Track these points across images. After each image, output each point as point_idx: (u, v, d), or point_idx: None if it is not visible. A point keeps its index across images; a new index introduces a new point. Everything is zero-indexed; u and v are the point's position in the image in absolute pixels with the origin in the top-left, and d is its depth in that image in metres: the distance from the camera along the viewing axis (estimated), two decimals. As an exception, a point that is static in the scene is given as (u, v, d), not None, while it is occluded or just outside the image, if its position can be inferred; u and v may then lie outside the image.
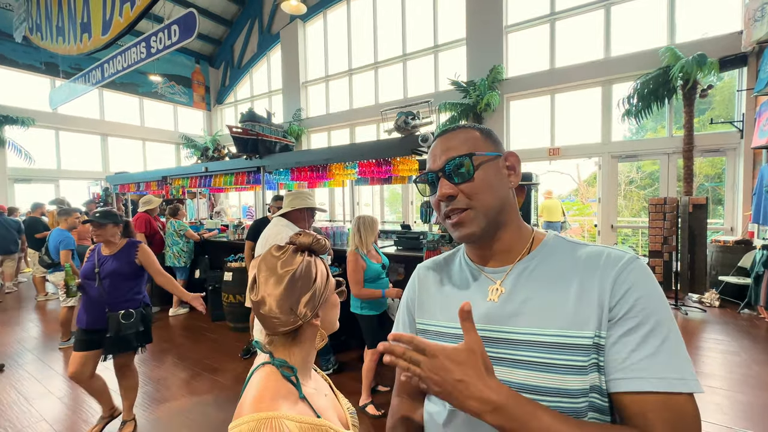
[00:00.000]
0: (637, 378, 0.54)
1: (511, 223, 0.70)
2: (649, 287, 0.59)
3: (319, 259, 0.79)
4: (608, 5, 6.62)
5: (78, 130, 10.47)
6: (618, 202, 7.07)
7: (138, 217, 4.87)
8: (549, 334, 0.60)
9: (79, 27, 4.59)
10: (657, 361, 0.54)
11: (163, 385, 3.12)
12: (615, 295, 0.58)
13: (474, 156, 0.67)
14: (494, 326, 0.65)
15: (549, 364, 0.59)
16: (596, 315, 0.58)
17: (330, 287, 0.79)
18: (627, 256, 0.62)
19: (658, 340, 0.55)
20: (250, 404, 0.65)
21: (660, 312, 0.57)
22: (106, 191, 8.63)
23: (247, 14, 12.04)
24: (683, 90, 5.49)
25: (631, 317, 0.57)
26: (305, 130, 10.59)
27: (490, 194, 0.67)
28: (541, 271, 0.66)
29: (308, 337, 0.77)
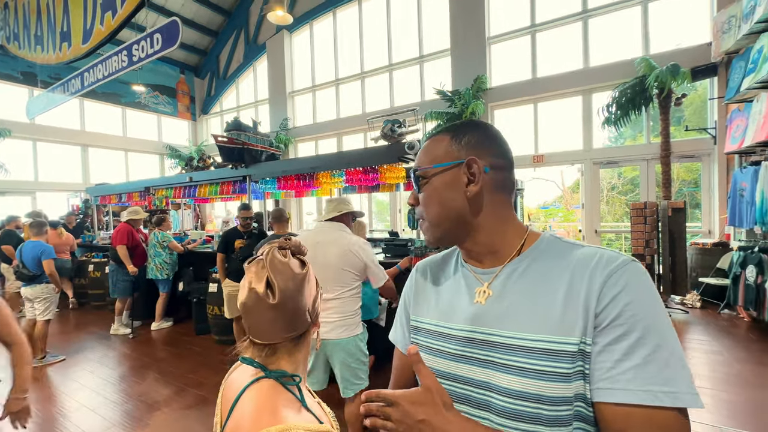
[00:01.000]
0: (621, 389, 0.51)
1: (485, 227, 0.68)
2: (641, 292, 0.55)
3: None
4: (585, 18, 6.87)
5: (57, 141, 10.20)
6: (601, 207, 7.23)
7: (120, 229, 4.74)
8: (535, 339, 0.58)
9: (59, 36, 4.51)
10: (645, 371, 0.51)
11: (144, 402, 3.00)
12: (602, 300, 0.55)
13: (423, 170, 0.71)
14: (481, 328, 0.64)
15: (534, 369, 0.57)
16: (582, 320, 0.56)
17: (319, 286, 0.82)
18: (620, 259, 0.58)
19: (648, 350, 0.52)
20: (251, 421, 0.62)
21: (651, 318, 0.53)
22: (86, 203, 8.40)
23: (233, 25, 12.05)
24: (659, 98, 5.69)
25: (618, 324, 0.54)
26: (292, 140, 10.56)
27: (437, 206, 0.70)
28: (530, 274, 0.64)
29: (308, 341, 0.78)
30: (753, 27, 4.46)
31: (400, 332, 0.84)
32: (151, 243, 4.79)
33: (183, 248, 4.96)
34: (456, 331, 0.68)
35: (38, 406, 3.00)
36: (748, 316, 4.36)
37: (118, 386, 3.32)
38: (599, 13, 6.78)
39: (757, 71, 4.36)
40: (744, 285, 4.14)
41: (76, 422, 2.72)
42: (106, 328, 4.81)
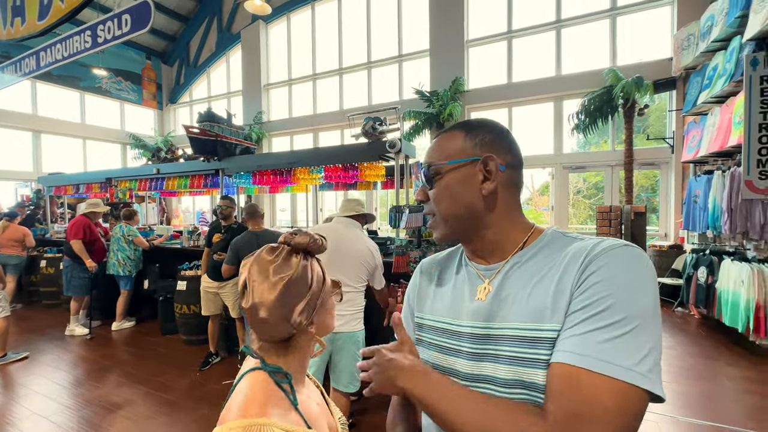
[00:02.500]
0: (561, 351, 0.52)
1: (495, 225, 0.69)
2: (620, 272, 0.53)
3: (315, 260, 0.75)
4: (559, 27, 7.14)
5: (4, 125, 9.36)
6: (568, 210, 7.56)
7: (76, 222, 4.42)
8: (527, 327, 0.58)
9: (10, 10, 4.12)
10: (592, 339, 0.49)
11: (103, 407, 2.81)
12: (579, 281, 0.54)
13: (436, 166, 0.70)
14: (481, 323, 0.65)
15: (515, 357, 0.58)
16: (565, 306, 0.55)
17: (326, 290, 0.75)
18: (610, 243, 0.57)
19: (605, 322, 0.50)
20: (238, 410, 0.61)
21: (621, 296, 0.51)
22: (38, 193, 7.78)
23: (205, 11, 11.54)
24: (624, 108, 6.01)
25: (588, 304, 0.52)
26: (266, 134, 10.28)
27: (449, 203, 0.70)
28: (528, 267, 0.64)
29: (302, 345, 0.73)
30: (709, 45, 4.81)
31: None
32: (114, 237, 4.50)
33: (149, 244, 4.69)
34: (456, 327, 0.69)
35: (-19, 414, 2.74)
36: (699, 313, 4.70)
37: (74, 391, 3.09)
38: (571, 24, 7.06)
39: (711, 87, 4.70)
40: (696, 285, 4.46)
41: (26, 430, 2.50)
42: (61, 329, 4.47)
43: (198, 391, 3.03)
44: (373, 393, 0.66)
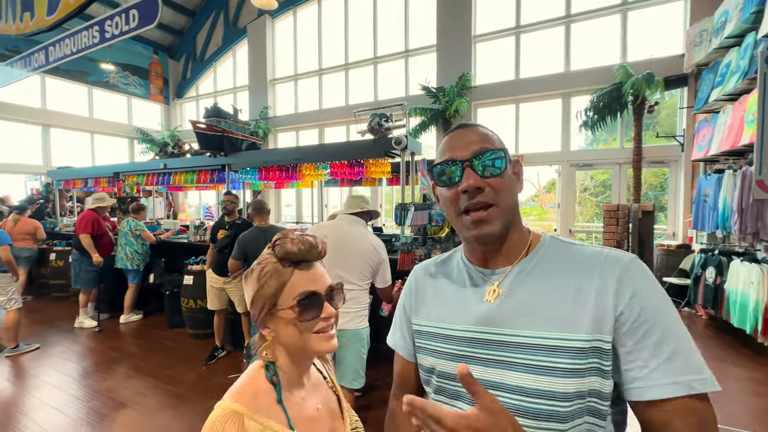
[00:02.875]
0: (655, 386, 0.54)
1: (518, 225, 0.70)
2: (653, 291, 0.59)
3: (295, 268, 0.70)
4: (568, 22, 7.03)
5: (14, 119, 9.46)
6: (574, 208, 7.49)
7: (84, 216, 4.47)
8: (545, 336, 0.59)
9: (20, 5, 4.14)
10: (673, 365, 0.54)
11: (112, 398, 2.86)
12: (621, 301, 0.57)
13: (506, 152, 0.66)
14: (491, 328, 0.64)
15: (546, 367, 0.58)
16: (596, 318, 0.58)
17: (282, 301, 0.68)
18: (626, 258, 0.61)
19: (672, 345, 0.55)
20: (229, 394, 0.67)
21: (667, 314, 0.57)
22: (47, 187, 7.87)
23: (211, 5, 11.52)
24: (633, 105, 5.92)
25: (641, 323, 0.56)
26: (272, 129, 10.29)
27: (512, 194, 0.67)
28: (538, 273, 0.65)
29: (287, 346, 0.70)
30: (723, 42, 4.71)
31: (400, 337, 0.82)
32: (122, 231, 4.55)
33: (156, 238, 4.74)
34: (462, 333, 0.67)
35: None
36: (706, 314, 4.66)
37: (83, 382, 3.15)
38: (581, 19, 6.95)
39: (724, 84, 4.61)
40: (704, 285, 4.41)
41: (39, 421, 2.56)
42: (70, 321, 4.55)
43: (204, 385, 3.07)
44: None
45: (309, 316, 0.68)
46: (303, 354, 0.71)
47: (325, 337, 0.69)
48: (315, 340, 0.69)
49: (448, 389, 0.68)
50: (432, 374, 0.71)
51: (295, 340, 0.69)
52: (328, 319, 0.70)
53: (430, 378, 0.72)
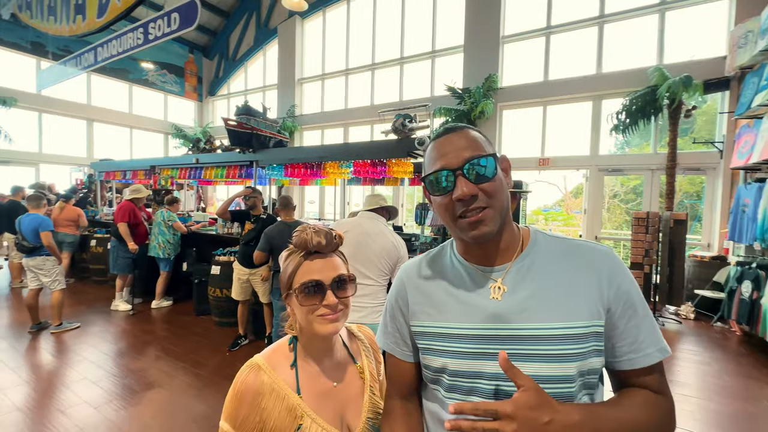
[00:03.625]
0: (643, 355, 0.65)
1: (510, 222, 0.73)
2: (630, 279, 0.69)
3: (305, 258, 0.79)
4: (602, 23, 6.82)
5: (62, 114, 10.15)
6: (602, 214, 7.27)
7: (122, 206, 4.75)
8: (554, 327, 0.64)
9: (73, 8, 4.47)
10: (652, 336, 0.66)
11: (143, 377, 3.06)
12: (611, 289, 0.66)
13: (496, 156, 0.68)
14: (503, 324, 0.66)
15: (554, 354, 0.64)
16: (593, 306, 0.66)
17: (294, 284, 0.78)
18: (609, 252, 0.71)
19: (649, 320, 0.67)
20: (263, 351, 0.83)
21: (640, 297, 0.68)
22: (90, 178, 8.39)
23: (245, 7, 11.92)
24: (669, 109, 5.69)
25: (628, 307, 0.66)
26: (298, 127, 10.53)
27: (504, 194, 0.69)
28: (537, 268, 0.70)
29: (300, 324, 0.81)
30: (769, 43, 4.45)
31: (393, 339, 0.81)
32: (156, 221, 4.81)
33: (187, 229, 4.98)
34: (473, 331, 0.68)
35: (39, 375, 3.06)
36: (741, 330, 4.42)
37: (118, 360, 3.37)
38: (615, 19, 6.73)
39: (769, 88, 4.35)
40: (739, 300, 4.19)
41: (79, 393, 2.78)
42: (107, 303, 4.86)
43: (226, 370, 3.22)
44: None
45: (310, 301, 0.76)
46: (310, 333, 0.79)
47: (326, 321, 0.76)
48: (317, 322, 0.77)
49: (463, 386, 0.69)
50: (443, 374, 0.71)
51: (303, 320, 0.79)
52: (329, 306, 0.76)
53: (439, 377, 0.72)
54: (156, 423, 2.47)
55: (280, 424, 0.74)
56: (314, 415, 0.76)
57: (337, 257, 0.82)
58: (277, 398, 0.75)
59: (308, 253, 0.79)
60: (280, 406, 0.74)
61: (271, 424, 0.73)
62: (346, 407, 0.82)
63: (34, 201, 3.97)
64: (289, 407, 0.75)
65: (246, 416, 0.73)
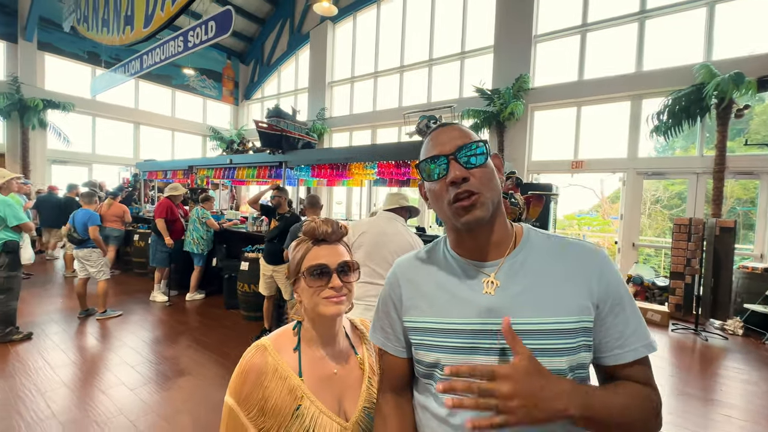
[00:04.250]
0: (630, 350, 0.67)
1: (502, 215, 0.74)
2: (618, 276, 0.70)
3: (314, 245, 0.85)
4: (642, 18, 6.48)
5: (113, 117, 10.97)
6: (642, 220, 6.87)
7: (161, 203, 5.07)
8: (545, 322, 0.66)
9: (123, 19, 4.85)
10: (639, 332, 0.68)
11: (176, 364, 3.24)
12: (601, 287, 0.68)
13: (487, 144, 0.70)
14: (495, 319, 0.66)
15: (546, 349, 0.65)
16: (581, 302, 0.67)
17: (302, 269, 0.83)
18: (598, 250, 0.72)
19: (636, 316, 0.69)
20: (269, 334, 0.88)
21: (628, 294, 0.70)
22: (136, 177, 9.01)
23: (279, 14, 12.35)
24: (717, 109, 5.30)
25: (616, 304, 0.68)
26: (328, 129, 10.75)
27: (494, 184, 0.70)
28: (530, 264, 0.71)
29: (306, 308, 0.86)
30: (835, 36, 4.05)
31: (384, 334, 0.82)
32: (191, 218, 5.09)
33: (219, 226, 5.23)
34: (466, 325, 0.69)
35: (85, 356, 3.33)
36: (797, 349, 4.03)
37: (154, 348, 3.60)
38: (658, 14, 6.37)
39: (835, 85, 3.96)
40: (795, 316, 3.83)
41: (118, 375, 2.99)
42: (147, 294, 5.19)
43: (252, 362, 3.34)
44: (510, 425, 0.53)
45: (316, 283, 0.82)
46: (317, 316, 0.84)
47: (331, 302, 0.82)
48: (323, 304, 0.82)
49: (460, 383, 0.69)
50: (436, 368, 0.72)
51: (309, 302, 0.83)
52: (334, 288, 0.82)
53: (432, 372, 0.72)
54: (186, 408, 2.61)
55: (280, 403, 0.77)
56: (313, 397, 0.80)
57: (342, 246, 0.87)
58: (279, 378, 0.79)
59: (316, 240, 0.84)
60: (281, 386, 0.78)
61: (272, 402, 0.77)
62: (344, 394, 0.85)
63: (86, 197, 4.33)
64: (290, 388, 0.79)
65: (249, 393, 0.78)
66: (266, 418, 0.77)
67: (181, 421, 2.45)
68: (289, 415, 0.77)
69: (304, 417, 0.77)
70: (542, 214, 4.00)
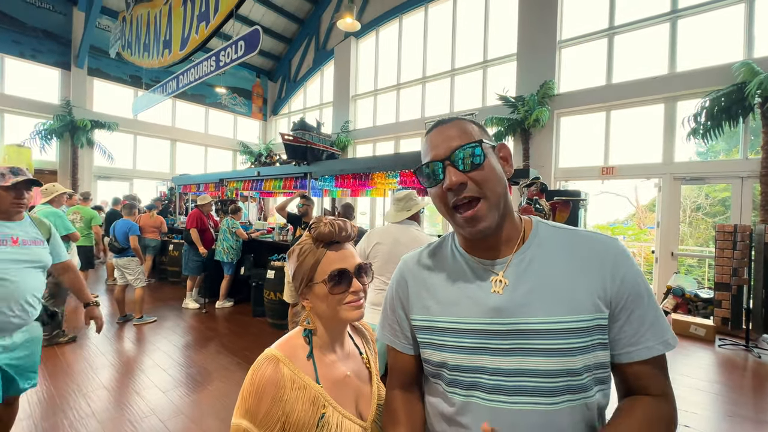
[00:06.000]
0: (644, 347, 0.64)
1: (510, 212, 0.70)
2: (636, 270, 0.66)
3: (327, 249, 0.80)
4: (674, 18, 6.24)
5: (152, 135, 11.70)
6: (682, 229, 6.48)
7: (192, 214, 5.33)
8: (557, 321, 0.63)
9: (162, 43, 5.23)
10: (656, 328, 0.64)
11: (205, 369, 3.35)
12: (615, 282, 0.65)
13: (483, 143, 0.65)
14: (503, 319, 0.65)
15: (558, 348, 0.62)
16: (596, 299, 0.64)
17: (317, 276, 0.79)
18: (613, 242, 0.68)
19: (652, 313, 0.65)
20: (274, 344, 0.83)
21: (646, 289, 0.66)
22: (171, 191, 9.51)
23: (305, 32, 12.86)
24: (761, 108, 4.98)
25: (632, 299, 0.64)
26: (352, 142, 10.96)
27: (498, 182, 0.66)
28: (539, 260, 0.67)
29: (321, 315, 0.81)
30: None
31: (392, 332, 0.81)
32: (221, 228, 5.30)
33: (248, 236, 5.41)
34: (474, 325, 0.67)
35: (124, 360, 3.50)
36: None
37: (185, 352, 3.73)
38: (692, 13, 6.12)
39: None
40: None
41: (151, 377, 3.13)
42: (179, 302, 5.42)
43: (277, 368, 3.39)
44: None
45: (339, 289, 0.78)
46: (334, 322, 0.81)
47: (353, 307, 0.79)
48: (345, 310, 0.79)
49: (463, 381, 0.67)
50: (443, 368, 0.70)
51: (327, 310, 0.79)
52: (356, 292, 0.79)
53: (440, 372, 0.71)
54: (213, 411, 2.68)
55: (303, 415, 0.73)
56: (335, 403, 0.77)
57: (352, 247, 0.85)
58: (299, 389, 0.74)
59: (327, 244, 0.80)
60: (303, 397, 0.74)
61: (294, 416, 0.72)
62: (358, 395, 0.84)
63: (128, 209, 4.64)
64: (312, 397, 0.74)
65: (268, 411, 0.70)
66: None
67: (208, 425, 2.52)
68: (314, 426, 0.73)
69: (330, 425, 0.74)
70: (570, 221, 3.86)
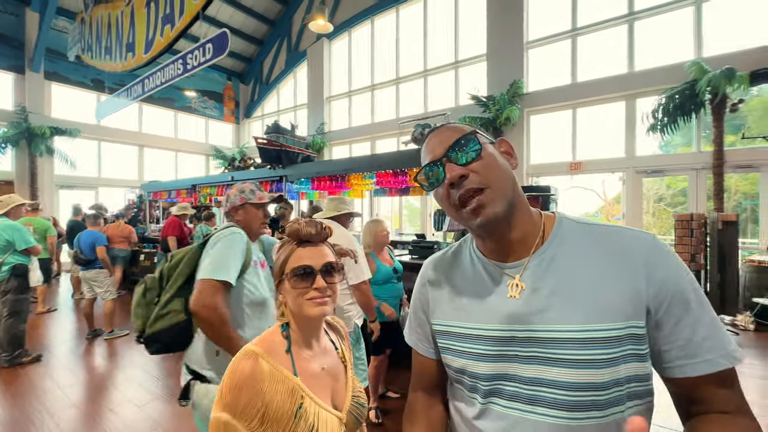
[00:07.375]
0: (701, 361, 0.55)
1: (523, 205, 0.66)
2: (680, 269, 0.59)
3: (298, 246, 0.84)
4: (631, 20, 6.59)
5: (118, 141, 11.20)
6: (646, 219, 6.84)
7: (171, 222, 5.16)
8: (579, 329, 0.57)
9: (125, 46, 5.03)
10: (717, 338, 0.56)
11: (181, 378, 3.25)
12: (652, 286, 0.57)
13: (477, 134, 0.64)
14: (522, 326, 0.61)
15: (580, 360, 0.56)
16: (628, 305, 0.57)
17: (286, 271, 0.82)
18: (649, 238, 0.61)
19: (708, 318, 0.56)
20: (253, 340, 0.84)
21: (696, 292, 0.57)
22: (141, 198, 9.15)
23: (276, 33, 12.68)
24: (712, 104, 5.34)
25: (676, 305, 0.56)
26: (327, 143, 10.90)
27: (502, 172, 0.63)
28: (561, 262, 0.62)
29: (291, 309, 0.84)
30: (822, 27, 4.10)
31: (416, 336, 0.81)
32: (196, 235, 5.17)
33: (223, 242, 5.29)
34: (490, 332, 0.64)
35: (93, 376, 3.35)
36: (810, 342, 3.96)
37: (160, 364, 3.62)
38: (647, 15, 6.48)
39: (826, 75, 3.99)
40: (805, 308, 3.78)
41: (125, 393, 3.01)
42: (153, 313, 5.22)
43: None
44: None
45: (301, 285, 0.81)
46: (301, 316, 0.84)
47: (314, 304, 0.81)
48: (307, 305, 0.81)
49: (482, 389, 0.65)
50: (464, 374, 0.68)
51: (293, 304, 0.83)
52: (318, 289, 0.81)
53: (461, 378, 0.69)
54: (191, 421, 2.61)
55: (282, 406, 0.75)
56: (312, 394, 0.80)
57: (326, 247, 0.87)
58: (277, 382, 0.76)
59: (300, 241, 0.84)
60: (281, 389, 0.76)
61: (273, 407, 0.75)
62: (334, 388, 0.87)
63: (92, 219, 4.42)
64: (290, 389, 0.77)
65: (247, 403, 0.73)
66: (269, 425, 0.74)
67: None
68: (292, 416, 0.75)
69: (307, 415, 0.77)
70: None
